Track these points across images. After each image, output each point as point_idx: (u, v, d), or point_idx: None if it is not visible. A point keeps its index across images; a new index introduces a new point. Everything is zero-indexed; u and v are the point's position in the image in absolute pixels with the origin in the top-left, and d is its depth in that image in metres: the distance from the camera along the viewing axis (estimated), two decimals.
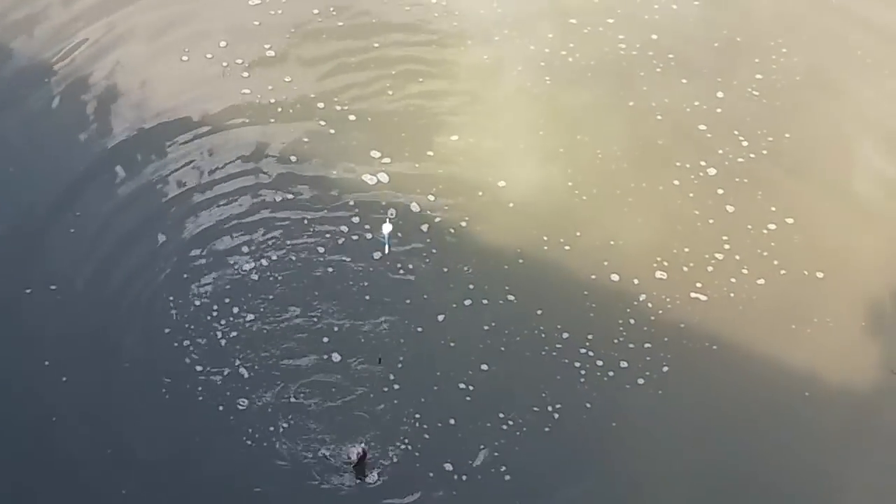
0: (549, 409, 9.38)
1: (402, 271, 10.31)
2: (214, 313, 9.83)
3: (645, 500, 9.05)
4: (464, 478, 8.92)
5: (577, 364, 9.72)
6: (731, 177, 11.49)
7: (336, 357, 9.59)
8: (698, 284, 10.40)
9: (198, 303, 9.93)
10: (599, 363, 9.71)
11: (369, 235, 10.55)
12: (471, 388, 9.49)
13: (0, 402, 9.21)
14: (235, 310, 9.87)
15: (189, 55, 12.35)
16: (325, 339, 9.72)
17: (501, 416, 9.31)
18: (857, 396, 9.80)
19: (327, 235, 10.55)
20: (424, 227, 10.70)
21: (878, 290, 10.64)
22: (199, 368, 9.42)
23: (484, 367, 9.64)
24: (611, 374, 9.69)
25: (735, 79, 12.68)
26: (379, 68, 12.39)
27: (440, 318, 9.99)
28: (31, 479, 8.73)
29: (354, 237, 10.57)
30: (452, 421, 9.25)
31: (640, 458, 9.22)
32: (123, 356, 9.56)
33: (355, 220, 10.72)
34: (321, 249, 10.42)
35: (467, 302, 10.14)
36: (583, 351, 9.82)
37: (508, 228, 10.79)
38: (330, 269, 10.27)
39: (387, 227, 9.93)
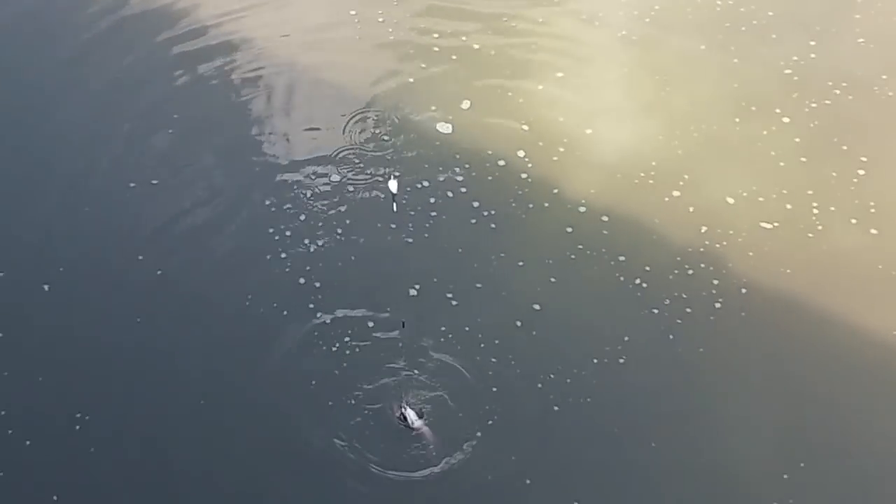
0: (625, 338, 9.39)
1: (482, 209, 10.47)
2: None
3: (734, 417, 8.96)
4: (555, 408, 8.96)
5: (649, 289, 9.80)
6: (819, 124, 11.34)
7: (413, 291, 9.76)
8: (776, 223, 10.33)
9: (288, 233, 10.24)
10: (664, 296, 9.71)
11: (460, 178, 10.73)
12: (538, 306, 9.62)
13: (95, 296, 9.78)
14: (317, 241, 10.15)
15: None
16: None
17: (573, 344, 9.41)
18: None
19: (424, 185, 10.65)
20: (512, 166, 10.87)
21: None
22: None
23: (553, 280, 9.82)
24: (685, 297, 9.71)
25: (833, 27, 12.53)
26: (472, 17, 12.73)
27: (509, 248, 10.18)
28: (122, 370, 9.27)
29: (441, 177, 10.75)
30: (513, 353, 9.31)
31: (725, 380, 9.22)
32: (216, 254, 10.10)
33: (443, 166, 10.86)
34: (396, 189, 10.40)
35: (544, 235, 10.30)
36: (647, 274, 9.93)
37: (590, 166, 10.90)
38: (405, 208, 10.41)
39: (393, 185, 10.02)
